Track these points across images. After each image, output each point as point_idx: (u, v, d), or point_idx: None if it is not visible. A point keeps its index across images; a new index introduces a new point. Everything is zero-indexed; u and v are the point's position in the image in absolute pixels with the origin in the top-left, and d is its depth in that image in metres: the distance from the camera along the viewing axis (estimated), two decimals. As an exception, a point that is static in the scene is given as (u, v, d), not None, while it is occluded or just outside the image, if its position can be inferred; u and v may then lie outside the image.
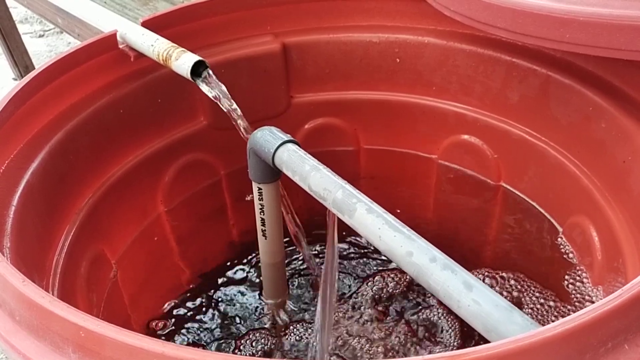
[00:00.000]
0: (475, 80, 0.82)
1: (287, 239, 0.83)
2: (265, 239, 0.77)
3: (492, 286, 0.86)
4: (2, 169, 0.60)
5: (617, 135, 0.66)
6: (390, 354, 0.84)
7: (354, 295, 0.93)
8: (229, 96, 0.71)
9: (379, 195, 0.59)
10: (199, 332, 0.89)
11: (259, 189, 0.72)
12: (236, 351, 0.86)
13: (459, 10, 0.68)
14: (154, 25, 0.76)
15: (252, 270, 0.98)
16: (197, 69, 0.69)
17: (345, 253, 1.01)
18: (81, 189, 0.72)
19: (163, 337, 0.87)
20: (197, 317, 0.91)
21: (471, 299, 0.43)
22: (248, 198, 0.92)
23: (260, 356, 0.84)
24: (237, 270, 0.98)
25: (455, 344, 0.85)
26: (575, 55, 0.70)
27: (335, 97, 0.91)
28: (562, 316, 0.75)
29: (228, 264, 0.99)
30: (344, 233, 1.01)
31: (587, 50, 0.57)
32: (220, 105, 0.72)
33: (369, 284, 0.94)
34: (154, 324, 0.89)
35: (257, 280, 0.95)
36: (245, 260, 0.99)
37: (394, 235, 0.50)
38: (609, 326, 0.36)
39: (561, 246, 0.77)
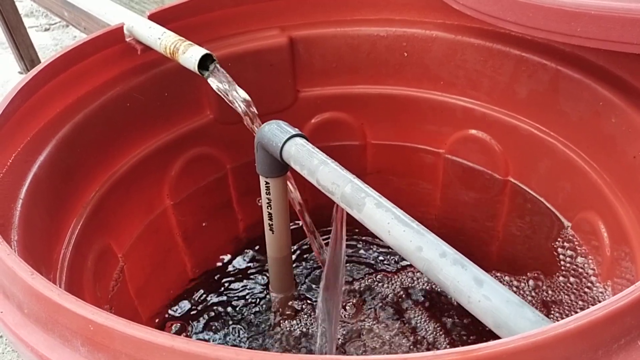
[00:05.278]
0: (483, 75, 0.81)
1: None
2: (273, 233, 0.77)
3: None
4: (9, 162, 0.60)
5: (627, 131, 0.66)
6: (400, 346, 0.84)
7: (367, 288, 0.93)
8: (237, 89, 0.71)
9: (386, 190, 0.59)
10: (205, 326, 0.89)
11: (267, 183, 0.71)
12: (244, 345, 0.86)
13: (467, 4, 0.67)
14: (161, 18, 0.75)
15: (258, 264, 0.98)
16: (205, 63, 0.69)
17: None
18: (88, 183, 0.72)
19: (172, 331, 0.87)
20: (204, 312, 0.91)
21: (482, 295, 0.43)
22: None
23: (268, 349, 0.84)
24: (243, 264, 0.98)
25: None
26: (585, 49, 0.69)
27: (342, 92, 0.90)
28: (570, 314, 0.75)
29: (234, 258, 0.99)
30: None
31: (598, 45, 0.56)
32: (226, 99, 0.71)
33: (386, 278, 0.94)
34: (161, 318, 0.89)
35: (264, 274, 0.95)
36: (251, 255, 0.99)
37: (403, 230, 0.50)
38: (622, 322, 0.35)
39: (569, 242, 0.76)
